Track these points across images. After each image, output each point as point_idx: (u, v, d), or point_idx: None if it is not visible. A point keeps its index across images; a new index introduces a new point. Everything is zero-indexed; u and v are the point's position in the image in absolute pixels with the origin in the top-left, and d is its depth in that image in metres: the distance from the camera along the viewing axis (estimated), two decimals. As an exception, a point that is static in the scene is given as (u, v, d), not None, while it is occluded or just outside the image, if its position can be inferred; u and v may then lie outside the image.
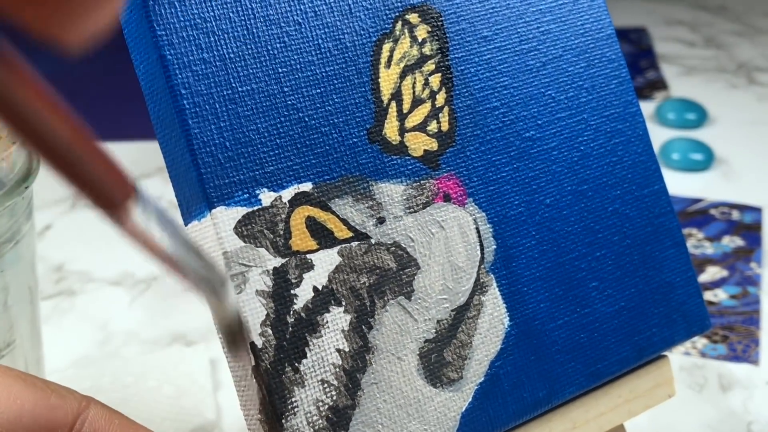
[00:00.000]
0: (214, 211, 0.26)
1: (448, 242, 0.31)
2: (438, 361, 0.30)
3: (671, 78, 0.94)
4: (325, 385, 0.27)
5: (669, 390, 0.36)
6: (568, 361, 0.33)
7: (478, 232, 0.31)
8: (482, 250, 0.31)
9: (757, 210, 0.69)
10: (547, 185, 0.33)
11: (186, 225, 0.28)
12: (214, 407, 0.47)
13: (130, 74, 0.28)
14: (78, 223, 0.67)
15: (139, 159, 0.76)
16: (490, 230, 0.32)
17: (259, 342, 0.26)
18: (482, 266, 0.31)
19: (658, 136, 0.79)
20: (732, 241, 0.65)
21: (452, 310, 0.30)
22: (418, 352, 0.29)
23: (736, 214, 0.68)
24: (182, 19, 0.27)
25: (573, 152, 0.34)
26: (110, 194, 0.17)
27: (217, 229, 0.26)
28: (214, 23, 0.27)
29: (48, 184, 0.68)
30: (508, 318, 0.32)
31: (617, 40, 0.37)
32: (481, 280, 0.31)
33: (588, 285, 0.34)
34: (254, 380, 0.27)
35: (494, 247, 0.32)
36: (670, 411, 0.49)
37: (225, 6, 0.27)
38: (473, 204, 0.32)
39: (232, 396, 0.48)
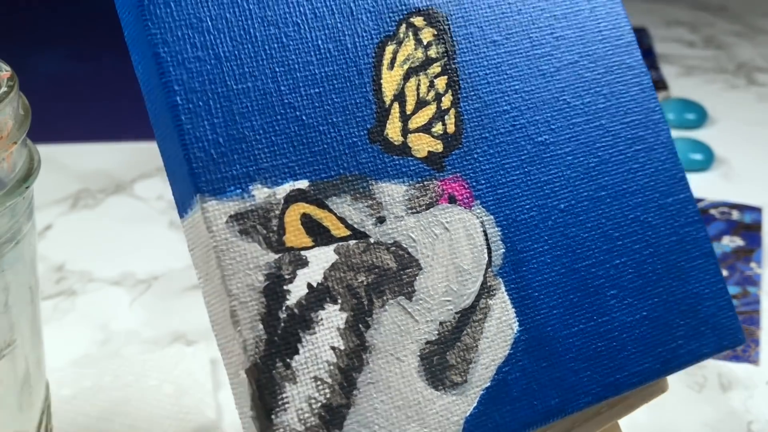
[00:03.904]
0: (205, 205, 0.26)
1: (453, 244, 0.30)
2: (440, 363, 0.29)
3: (671, 78, 0.94)
4: (318, 383, 0.27)
5: (662, 385, 0.35)
6: (584, 370, 0.32)
7: (486, 234, 0.31)
8: (489, 253, 0.31)
9: (757, 210, 0.69)
10: (561, 190, 0.33)
11: (180, 219, 0.28)
12: (214, 407, 0.47)
13: (130, 74, 0.29)
14: (78, 223, 0.68)
15: (139, 159, 0.76)
16: (499, 233, 0.31)
17: (249, 337, 0.26)
18: (489, 269, 0.31)
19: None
20: (732, 241, 0.64)
21: (456, 313, 0.30)
22: (418, 354, 0.29)
23: (736, 214, 0.68)
24: (177, 18, 0.27)
25: (590, 158, 0.34)
26: None
27: (208, 223, 0.26)
28: (209, 23, 0.28)
29: (48, 184, 0.69)
30: (517, 323, 0.31)
31: (638, 47, 0.36)
32: (489, 284, 0.30)
33: (606, 293, 0.33)
34: (245, 375, 0.26)
35: (503, 250, 0.31)
36: (670, 410, 0.48)
37: (221, 6, 0.28)
38: (480, 206, 0.31)
39: (233, 396, 0.48)
